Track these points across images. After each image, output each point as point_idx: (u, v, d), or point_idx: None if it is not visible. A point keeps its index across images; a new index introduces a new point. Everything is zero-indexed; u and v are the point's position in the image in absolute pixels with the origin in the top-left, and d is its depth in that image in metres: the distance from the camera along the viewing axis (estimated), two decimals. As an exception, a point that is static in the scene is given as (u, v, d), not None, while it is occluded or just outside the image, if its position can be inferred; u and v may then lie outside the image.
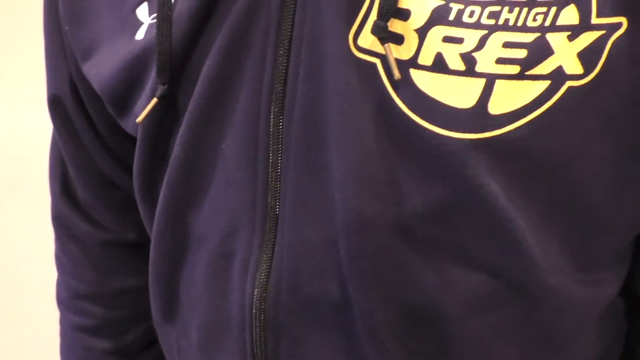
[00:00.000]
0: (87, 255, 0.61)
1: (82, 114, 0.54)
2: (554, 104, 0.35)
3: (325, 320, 0.43)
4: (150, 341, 0.65)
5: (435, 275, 0.40)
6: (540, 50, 0.35)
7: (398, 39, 0.36)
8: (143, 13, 0.44)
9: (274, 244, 0.43)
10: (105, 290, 0.62)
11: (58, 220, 0.61)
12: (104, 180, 0.58)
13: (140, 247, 0.61)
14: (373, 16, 0.36)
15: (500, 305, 0.41)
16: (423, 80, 0.36)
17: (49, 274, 1.01)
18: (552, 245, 0.39)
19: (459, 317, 0.41)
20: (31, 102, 1.05)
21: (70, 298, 0.62)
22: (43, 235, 1.03)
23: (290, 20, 0.39)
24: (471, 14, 0.35)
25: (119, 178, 0.57)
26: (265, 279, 0.43)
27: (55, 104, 0.54)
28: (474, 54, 0.35)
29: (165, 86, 0.42)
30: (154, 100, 0.42)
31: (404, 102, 0.37)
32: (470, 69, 0.35)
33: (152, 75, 0.43)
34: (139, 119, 0.43)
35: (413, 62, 0.36)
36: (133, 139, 0.54)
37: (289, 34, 0.39)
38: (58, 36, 0.51)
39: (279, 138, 0.41)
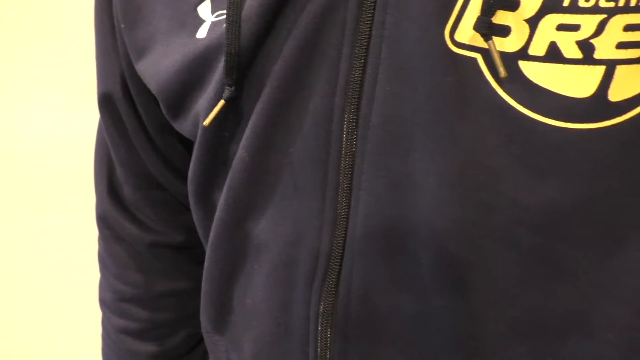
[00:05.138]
0: (133, 256, 0.58)
1: (132, 113, 0.50)
2: None
3: (398, 333, 0.39)
4: (195, 344, 0.63)
5: (537, 290, 0.35)
6: None
7: (503, 31, 0.32)
8: (205, 11, 0.40)
9: (342, 253, 0.39)
10: (151, 292, 0.58)
11: (103, 221, 0.58)
12: (151, 181, 0.54)
13: (187, 249, 0.59)
14: (472, 9, 0.32)
15: (610, 326, 0.36)
16: (535, 72, 0.32)
17: (83, 280, 1.00)
18: None
19: (561, 336, 0.36)
20: (67, 109, 1.03)
21: (114, 300, 0.59)
22: (79, 242, 1.01)
23: (370, 19, 0.35)
24: None
25: (166, 180, 0.54)
26: (333, 290, 0.39)
27: (106, 103, 0.51)
28: (592, 41, 0.31)
29: (233, 88, 0.38)
30: (221, 102, 0.38)
31: (511, 95, 0.33)
32: (588, 57, 0.31)
33: (215, 75, 0.39)
34: (206, 121, 0.39)
35: (523, 54, 0.32)
36: (184, 141, 0.51)
37: (367, 33, 0.35)
38: (110, 34, 0.48)
39: (354, 141, 0.37)
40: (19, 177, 1.07)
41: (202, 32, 0.40)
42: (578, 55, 0.31)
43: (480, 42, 0.32)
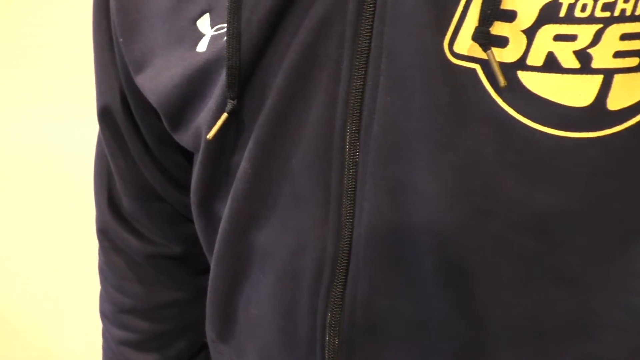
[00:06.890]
0: (133, 268, 0.57)
1: (131, 125, 0.50)
2: None
3: (402, 339, 0.39)
4: (195, 353, 0.63)
5: (535, 294, 0.36)
6: None
7: (501, 42, 0.32)
8: (205, 25, 0.40)
9: (348, 262, 0.39)
10: (150, 303, 0.58)
11: (103, 233, 0.57)
12: (150, 192, 0.54)
13: (185, 260, 0.59)
14: (470, 20, 0.32)
15: (608, 328, 0.36)
16: (533, 81, 0.32)
17: (78, 289, 0.99)
18: None
19: (562, 338, 0.36)
20: (59, 119, 1.02)
21: (114, 312, 0.59)
22: (75, 250, 1.01)
23: (368, 32, 0.35)
24: (583, 8, 0.31)
25: (164, 191, 0.54)
26: (339, 299, 0.39)
27: (105, 116, 0.51)
28: (589, 50, 0.31)
29: (235, 101, 0.38)
30: (225, 115, 0.38)
31: (510, 105, 0.33)
32: (585, 66, 0.31)
33: (216, 88, 0.39)
34: (210, 134, 0.39)
35: (521, 64, 0.32)
36: (183, 152, 0.51)
37: (367, 44, 0.35)
38: (108, 48, 0.48)
39: (356, 152, 0.37)
40: (11, 187, 1.07)
41: (202, 46, 0.40)
42: (576, 65, 0.31)
43: (479, 52, 0.32)
